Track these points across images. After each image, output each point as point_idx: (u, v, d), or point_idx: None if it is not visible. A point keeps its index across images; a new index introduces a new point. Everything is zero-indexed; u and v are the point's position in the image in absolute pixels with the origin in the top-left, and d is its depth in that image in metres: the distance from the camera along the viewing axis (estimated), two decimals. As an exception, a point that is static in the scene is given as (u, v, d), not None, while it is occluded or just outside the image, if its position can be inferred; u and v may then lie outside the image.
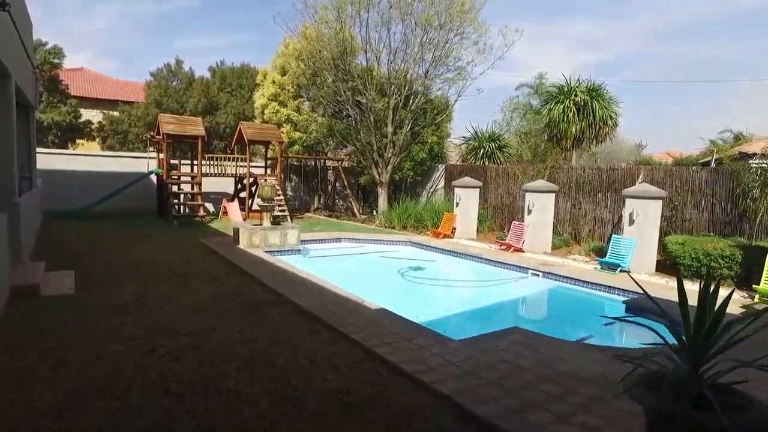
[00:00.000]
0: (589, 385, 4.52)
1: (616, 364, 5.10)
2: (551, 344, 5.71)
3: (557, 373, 4.79)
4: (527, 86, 32.47)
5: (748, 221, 11.98)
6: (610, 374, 4.78)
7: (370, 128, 18.61)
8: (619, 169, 14.71)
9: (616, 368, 4.98)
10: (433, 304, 9.18)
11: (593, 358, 5.28)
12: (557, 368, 4.91)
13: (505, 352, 5.34)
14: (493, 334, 6.02)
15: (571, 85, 16.79)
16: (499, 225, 17.45)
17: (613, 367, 5.02)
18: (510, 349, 5.44)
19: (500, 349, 5.44)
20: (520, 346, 5.53)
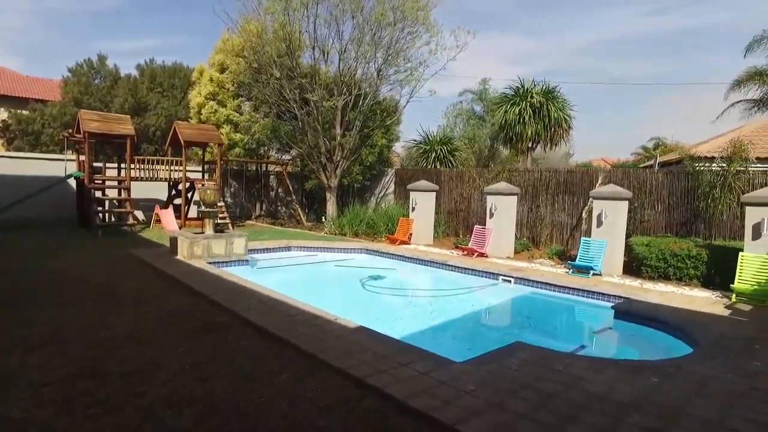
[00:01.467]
0: (637, 413, 3.75)
1: (644, 380, 4.43)
2: (562, 360, 4.95)
3: (591, 396, 4.01)
4: (470, 92, 32.65)
5: (703, 221, 12.09)
6: (650, 395, 4.07)
7: (317, 130, 17.51)
8: (576, 171, 14.59)
9: (649, 386, 4.28)
10: (405, 316, 8.27)
11: (615, 374, 4.56)
12: (588, 390, 4.13)
13: (520, 373, 4.51)
14: (498, 351, 5.18)
15: (527, 88, 16.59)
16: (454, 230, 16.90)
17: (645, 384, 4.33)
18: (523, 369, 4.62)
19: (513, 369, 4.60)
20: (532, 365, 4.72)
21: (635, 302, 7.90)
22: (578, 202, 14.08)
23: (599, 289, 8.86)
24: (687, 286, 9.72)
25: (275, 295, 7.30)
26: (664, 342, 6.49)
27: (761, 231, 9.03)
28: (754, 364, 5.10)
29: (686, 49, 60.97)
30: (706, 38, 57.59)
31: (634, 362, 5.16)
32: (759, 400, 4.13)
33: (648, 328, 7.02)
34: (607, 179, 13.25)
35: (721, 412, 3.85)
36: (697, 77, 59.47)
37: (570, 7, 62.25)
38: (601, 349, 6.79)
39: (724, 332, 6.29)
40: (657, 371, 4.73)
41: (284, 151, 21.33)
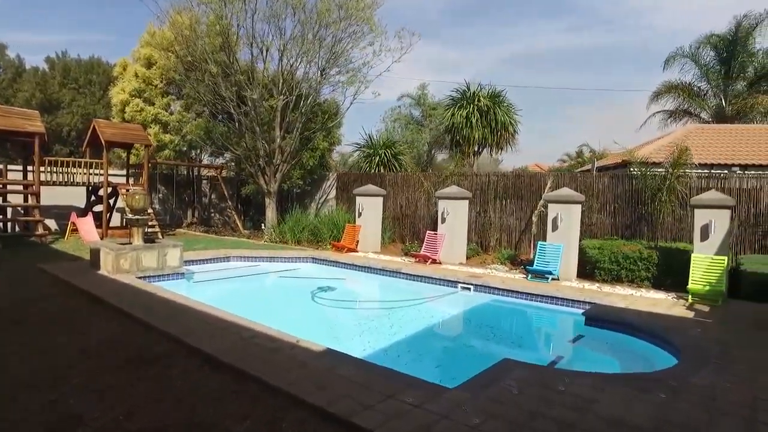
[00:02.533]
0: (668, 442, 3.31)
1: (653, 397, 4.04)
2: (561, 378, 4.48)
3: (611, 421, 3.53)
4: (409, 97, 32.59)
5: (646, 224, 12.40)
6: (668, 415, 3.66)
7: (256, 131, 16.42)
8: (524, 175, 14.60)
9: (662, 405, 3.89)
10: (364, 332, 7.54)
11: (621, 392, 4.15)
12: (603, 415, 3.66)
13: (524, 397, 3.97)
14: (489, 372, 4.62)
15: (474, 91, 16.47)
16: (400, 236, 16.42)
17: (656, 402, 3.93)
18: (525, 392, 4.08)
19: (514, 393, 4.05)
20: (532, 386, 4.20)
21: (604, 308, 7.71)
22: (527, 206, 14.05)
23: (563, 294, 8.64)
24: (640, 288, 9.78)
25: (221, 314, 6.35)
26: (643, 349, 6.27)
27: (709, 233, 9.24)
28: (740, 369, 4.92)
29: (599, 63, 65.03)
30: (617, 54, 61.67)
31: (633, 377, 4.80)
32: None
33: (622, 334, 6.80)
34: (555, 183, 13.30)
35: (749, 428, 3.51)
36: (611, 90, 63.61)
37: (495, 19, 64.51)
38: (586, 361, 6.44)
39: (698, 336, 6.16)
40: (661, 386, 4.38)
41: (219, 154, 19.91)
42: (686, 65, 25.97)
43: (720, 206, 9.17)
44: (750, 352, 5.58)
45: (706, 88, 26.15)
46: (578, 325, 7.38)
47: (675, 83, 26.35)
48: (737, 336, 6.29)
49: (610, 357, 6.75)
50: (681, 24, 54.33)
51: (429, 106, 32.17)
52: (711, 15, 52.66)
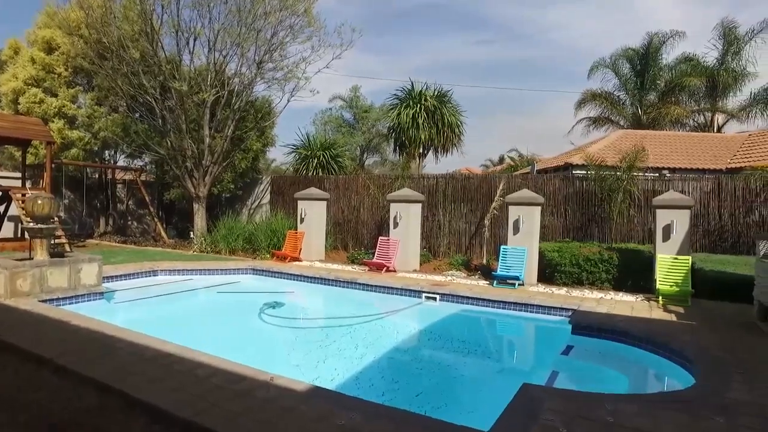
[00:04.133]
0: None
1: (709, 422, 3.43)
2: (599, 404, 3.77)
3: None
4: (341, 99, 31.66)
5: (597, 225, 12.40)
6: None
7: (182, 130, 14.73)
8: (474, 177, 14.20)
9: None
10: (330, 356, 6.46)
11: (673, 418, 3.52)
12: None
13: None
14: (517, 405, 3.80)
15: (420, 90, 15.86)
16: (342, 242, 15.44)
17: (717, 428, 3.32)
18: (572, 428, 3.31)
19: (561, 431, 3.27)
20: (576, 419, 3.44)
21: (587, 314, 7.26)
22: (477, 209, 13.64)
23: (538, 301, 8.12)
24: (602, 291, 9.57)
25: (160, 344, 5.05)
26: (643, 359, 5.82)
27: (671, 233, 9.20)
28: None
29: (505, 74, 67.81)
30: (525, 67, 64.59)
31: (670, 397, 4.20)
32: None
33: (614, 342, 6.33)
34: (507, 186, 12.98)
35: None
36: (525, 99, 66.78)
37: (412, 29, 65.43)
38: (590, 377, 5.87)
39: (694, 342, 5.79)
40: (707, 408, 3.81)
41: (138, 154, 17.74)
42: (607, 75, 27.42)
43: (681, 206, 9.16)
44: (759, 359, 5.26)
45: (624, 97, 27.72)
46: (565, 335, 6.83)
47: (597, 92, 27.69)
48: (732, 340, 6.01)
49: (613, 370, 6.22)
50: (589, 42, 58.12)
51: (361, 109, 31.43)
52: (609, 38, 56.77)
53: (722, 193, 11.42)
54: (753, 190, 11.24)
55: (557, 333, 7.17)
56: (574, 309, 7.61)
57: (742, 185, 11.31)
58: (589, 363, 6.31)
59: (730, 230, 11.38)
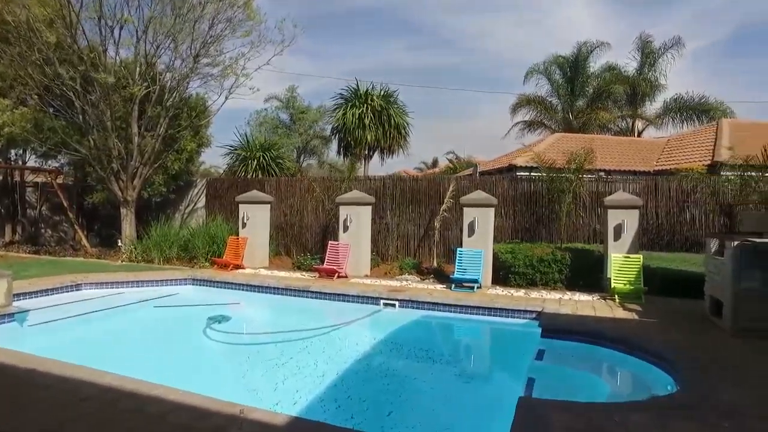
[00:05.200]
0: None
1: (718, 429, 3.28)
2: (608, 417, 3.54)
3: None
4: (277, 99, 30.64)
5: (544, 226, 12.59)
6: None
7: (107, 127, 13.39)
8: (423, 179, 14.00)
9: None
10: (288, 375, 5.85)
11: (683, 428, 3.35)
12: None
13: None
14: (523, 422, 3.47)
15: (366, 90, 15.43)
16: (285, 248, 14.71)
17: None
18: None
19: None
20: None
21: (554, 316, 7.18)
22: (426, 212, 13.44)
23: (502, 304, 7.98)
24: (556, 291, 9.64)
25: (98, 377, 4.27)
26: (620, 361, 5.75)
27: (622, 232, 9.41)
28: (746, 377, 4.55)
29: (435, 80, 69.00)
30: (453, 73, 66.06)
31: (670, 404, 4.05)
32: None
33: (585, 344, 6.25)
34: (457, 187, 12.88)
35: None
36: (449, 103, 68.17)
37: (343, 33, 65.03)
38: (571, 383, 5.71)
39: (664, 341, 5.82)
40: (709, 413, 3.68)
41: (52, 155, 15.94)
42: (540, 80, 28.49)
43: (631, 206, 9.40)
44: (728, 355, 5.33)
45: (556, 102, 28.92)
46: (535, 338, 6.67)
47: (531, 97, 28.71)
48: (697, 337, 6.11)
49: (591, 374, 6.13)
50: (512, 51, 60.42)
51: (298, 110, 30.58)
52: (530, 48, 59.30)
53: (658, 193, 11.96)
54: (685, 190, 11.86)
55: (527, 337, 7.00)
56: (538, 311, 7.52)
57: (676, 186, 11.90)
58: (565, 367, 6.19)
59: (666, 229, 11.93)
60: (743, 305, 6.13)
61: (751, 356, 5.33)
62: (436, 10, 56.01)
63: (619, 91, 26.15)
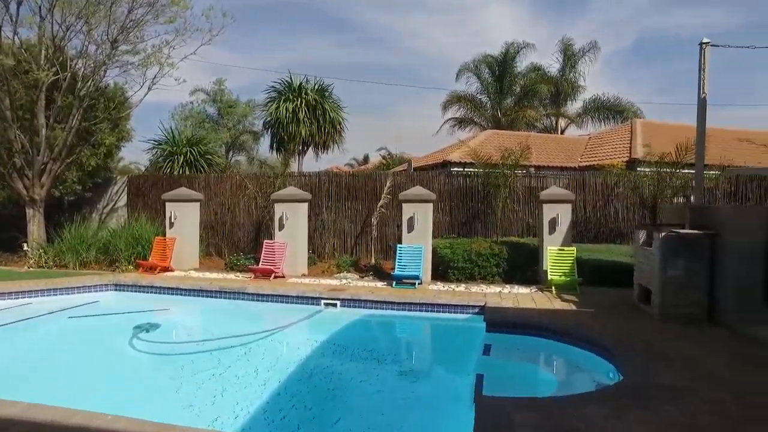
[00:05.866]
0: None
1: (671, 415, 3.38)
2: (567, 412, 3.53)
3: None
4: (203, 92, 29.22)
5: (480, 221, 12.83)
6: None
7: (7, 117, 12.00)
8: (359, 175, 13.79)
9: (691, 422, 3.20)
10: (227, 387, 5.44)
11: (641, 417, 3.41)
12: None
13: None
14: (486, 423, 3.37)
15: (300, 83, 14.90)
16: (216, 248, 14.00)
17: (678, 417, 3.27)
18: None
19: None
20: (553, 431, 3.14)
21: (497, 310, 7.25)
22: (363, 208, 13.27)
23: (445, 300, 7.97)
24: (494, 284, 9.82)
25: (8, 408, 3.68)
26: (564, 351, 5.88)
27: (556, 225, 9.74)
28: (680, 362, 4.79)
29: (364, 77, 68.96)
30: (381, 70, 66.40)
31: (613, 393, 4.12)
32: None
33: (529, 337, 6.36)
34: (394, 183, 12.82)
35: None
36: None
37: (272, 26, 63.31)
38: (521, 377, 5.73)
39: (602, 329, 6.04)
40: (660, 399, 3.79)
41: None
42: (471, 78, 29.16)
43: (564, 201, 9.75)
44: (659, 340, 5.60)
45: (486, 100, 29.74)
46: (480, 333, 6.70)
47: (461, 94, 29.33)
48: (631, 325, 6.38)
49: (538, 366, 6.23)
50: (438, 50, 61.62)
51: (226, 104, 29.31)
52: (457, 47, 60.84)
53: (586, 188, 12.55)
54: (609, 185, 12.53)
55: (472, 332, 7.03)
56: (482, 306, 7.58)
57: (601, 181, 12.55)
58: (512, 361, 6.24)
59: (593, 222, 12.56)
60: (669, 292, 6.49)
61: (679, 340, 5.63)
62: (364, 9, 55.87)
63: (543, 91, 27.32)
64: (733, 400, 3.84)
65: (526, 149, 11.14)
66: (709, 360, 4.90)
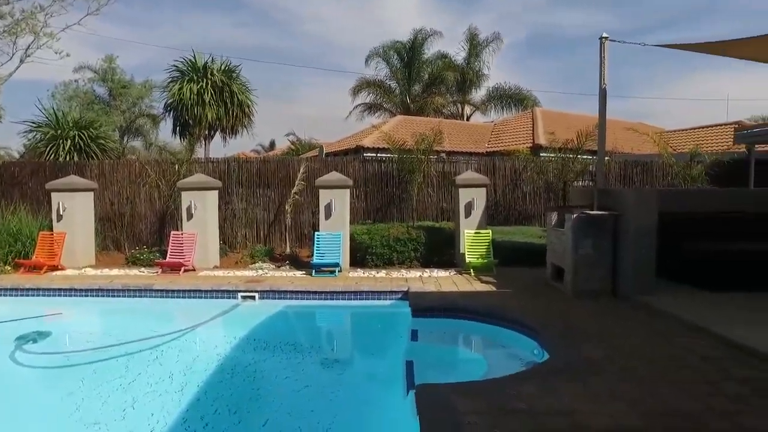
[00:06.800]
0: None
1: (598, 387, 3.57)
2: (505, 392, 3.57)
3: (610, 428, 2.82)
4: (91, 69, 26.48)
5: (395, 206, 12.90)
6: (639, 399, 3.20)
7: None
8: (271, 161, 13.20)
9: (610, 390, 3.41)
10: (138, 398, 4.91)
11: (572, 390, 3.55)
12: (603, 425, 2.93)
13: None
14: (429, 410, 3.30)
15: (205, 63, 13.81)
16: (114, 242, 12.78)
17: (605, 388, 3.46)
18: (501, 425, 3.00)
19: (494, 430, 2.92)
20: (498, 416, 3.14)
21: (420, 295, 7.29)
22: (276, 196, 12.79)
23: (366, 287, 7.90)
24: (413, 269, 9.93)
25: None
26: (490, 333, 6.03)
27: (472, 209, 10.02)
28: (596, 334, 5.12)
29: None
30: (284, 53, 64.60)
31: (546, 369, 4.27)
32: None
33: (456, 319, 6.46)
34: (308, 169, 12.46)
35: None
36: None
37: (170, 2, 58.96)
38: (452, 360, 5.77)
39: (525, 308, 6.30)
40: (585, 372, 3.98)
41: None
42: (380, 64, 29.20)
43: (479, 185, 10.04)
44: (575, 315, 5.95)
45: (395, 86, 29.97)
46: (406, 319, 6.68)
47: (371, 80, 29.30)
48: (546, 302, 6.72)
49: (469, 349, 6.34)
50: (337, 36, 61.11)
51: (119, 84, 26.83)
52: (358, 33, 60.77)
53: (496, 172, 13.07)
54: (517, 169, 13.16)
55: (397, 318, 7.00)
56: (405, 291, 7.59)
57: (510, 165, 13.14)
58: (441, 345, 6.31)
59: (503, 205, 13.14)
60: (581, 270, 6.93)
61: (592, 314, 6.03)
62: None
63: (450, 78, 28.07)
64: (645, 366, 4.16)
65: (439, 134, 11.30)
66: (618, 331, 5.28)
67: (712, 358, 4.33)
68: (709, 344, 4.72)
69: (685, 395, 3.55)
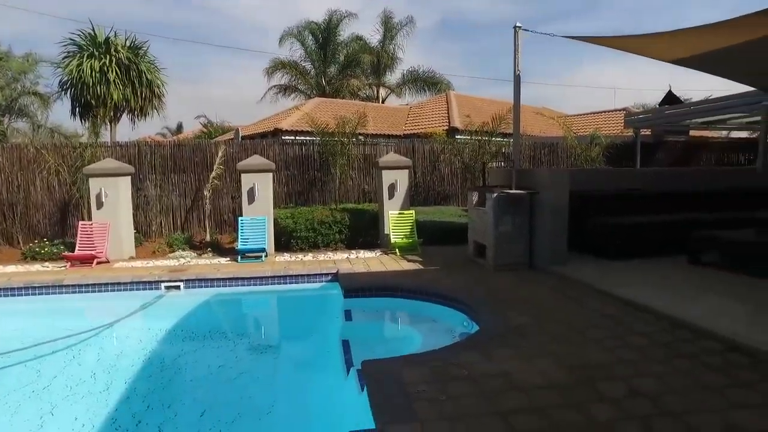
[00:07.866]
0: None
1: (534, 351, 3.97)
2: (449, 362, 3.83)
3: (544, 384, 3.17)
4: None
5: (317, 189, 12.88)
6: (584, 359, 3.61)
7: None
8: (186, 145, 12.54)
9: (536, 351, 3.82)
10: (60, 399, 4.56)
11: (506, 355, 3.89)
12: (538, 381, 3.26)
13: (455, 397, 3.12)
14: (378, 384, 3.46)
15: (108, 38, 12.60)
16: (6, 236, 11.58)
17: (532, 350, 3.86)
18: (449, 391, 3.23)
19: (442, 399, 3.13)
20: (446, 382, 3.38)
21: (351, 276, 7.42)
22: (193, 181, 12.25)
23: (295, 271, 7.88)
24: (338, 251, 10.03)
25: None
26: (421, 308, 6.30)
27: (395, 191, 10.27)
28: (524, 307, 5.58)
29: None
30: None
31: (484, 338, 4.59)
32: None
33: (388, 297, 6.66)
34: (226, 153, 12.04)
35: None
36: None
37: None
38: (388, 336, 5.92)
39: (452, 283, 6.67)
40: (515, 338, 4.36)
41: None
42: (294, 45, 28.48)
43: (402, 167, 10.30)
44: (499, 288, 6.42)
45: (310, 68, 29.44)
46: (338, 300, 6.78)
47: (285, 61, 28.53)
48: (471, 277, 7.14)
49: (404, 325, 6.53)
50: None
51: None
52: None
53: (416, 154, 13.45)
54: (435, 152, 13.63)
55: (330, 300, 7.09)
56: (335, 273, 7.69)
57: (429, 148, 13.57)
58: (375, 323, 6.48)
59: (423, 186, 13.58)
60: (501, 246, 7.43)
61: (514, 286, 6.52)
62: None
63: (366, 61, 28.08)
64: (566, 328, 4.64)
65: (363, 117, 11.39)
66: (538, 299, 5.79)
67: (617, 317, 4.92)
68: (613, 305, 5.34)
69: (600, 349, 4.04)
